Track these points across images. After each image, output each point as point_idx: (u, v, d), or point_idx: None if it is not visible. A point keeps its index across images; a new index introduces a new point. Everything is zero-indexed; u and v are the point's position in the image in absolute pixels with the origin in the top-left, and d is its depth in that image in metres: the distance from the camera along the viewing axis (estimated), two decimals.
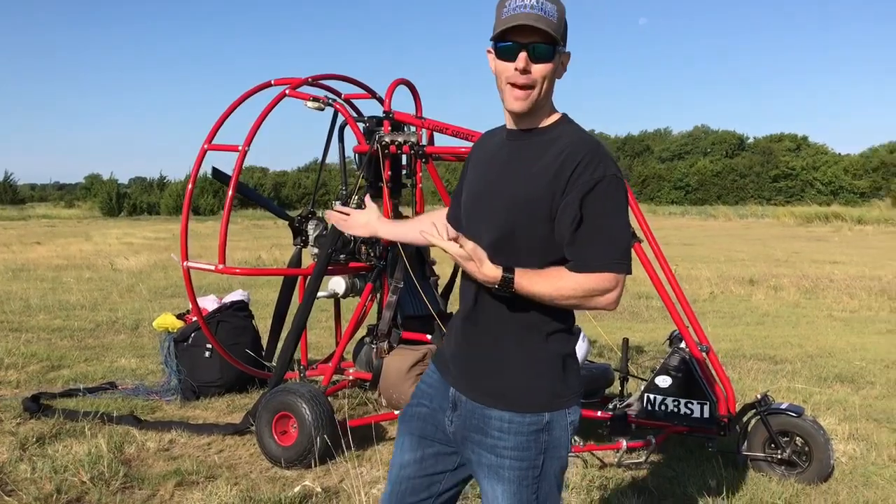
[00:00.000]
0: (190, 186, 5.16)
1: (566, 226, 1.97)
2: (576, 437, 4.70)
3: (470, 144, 5.14)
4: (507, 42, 1.99)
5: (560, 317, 2.08)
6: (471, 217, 2.18)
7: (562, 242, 2.00)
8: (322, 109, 5.00)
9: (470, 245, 1.94)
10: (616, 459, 4.35)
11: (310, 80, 5.20)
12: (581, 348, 4.83)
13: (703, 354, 4.44)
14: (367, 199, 2.72)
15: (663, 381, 4.49)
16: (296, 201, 56.86)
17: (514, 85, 2.01)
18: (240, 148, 4.87)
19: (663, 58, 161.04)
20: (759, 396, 4.43)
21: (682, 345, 4.51)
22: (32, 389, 6.05)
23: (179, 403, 5.83)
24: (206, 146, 5.08)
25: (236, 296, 6.53)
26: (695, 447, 4.71)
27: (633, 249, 4.43)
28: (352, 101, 5.63)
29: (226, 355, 5.60)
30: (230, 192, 4.79)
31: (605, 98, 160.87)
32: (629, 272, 2.01)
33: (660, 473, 4.42)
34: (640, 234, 4.54)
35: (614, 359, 6.95)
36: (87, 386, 6.15)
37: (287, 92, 5.00)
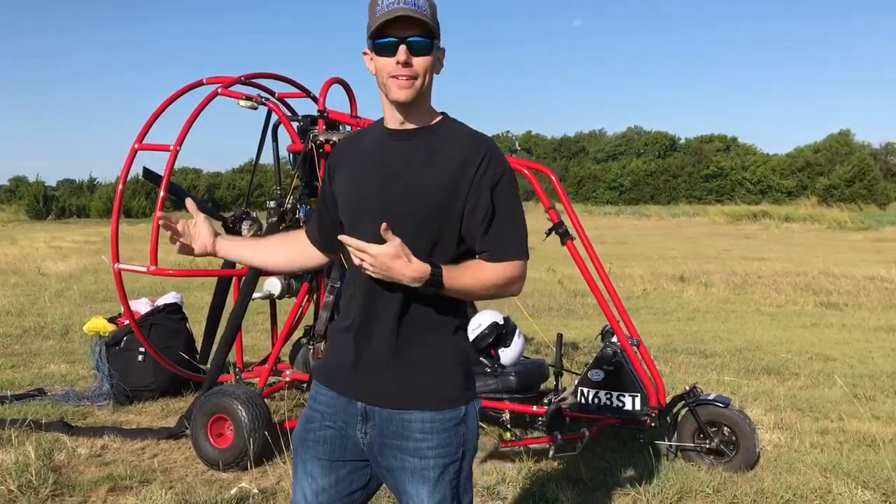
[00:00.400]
0: (120, 187, 5.06)
1: (479, 218, 2.04)
2: (513, 431, 4.78)
3: None
4: (386, 38, 2.01)
5: (461, 312, 2.15)
6: (362, 220, 2.09)
7: (472, 235, 2.06)
8: (255, 108, 4.96)
9: (398, 241, 1.92)
10: (551, 452, 4.43)
11: (242, 78, 5.16)
12: (516, 345, 4.91)
13: (634, 348, 4.55)
14: (195, 210, 2.36)
15: (596, 375, 4.59)
16: (231, 202, 55.93)
17: (396, 77, 2.02)
18: (171, 147, 4.81)
19: (597, 59, 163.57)
20: (688, 388, 4.57)
21: (614, 339, 4.62)
22: None
23: (112, 408, 5.72)
24: (136, 146, 5.00)
25: (169, 298, 6.44)
26: (627, 439, 4.82)
27: (567, 248, 4.57)
28: (286, 100, 5.59)
29: (159, 358, 5.52)
30: (161, 193, 4.72)
31: (541, 100, 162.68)
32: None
33: (593, 465, 4.51)
34: (572, 231, 4.64)
35: (550, 355, 7.05)
36: (15, 393, 5.98)
37: (219, 91, 4.95)
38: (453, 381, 2.11)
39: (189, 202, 2.37)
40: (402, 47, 2.00)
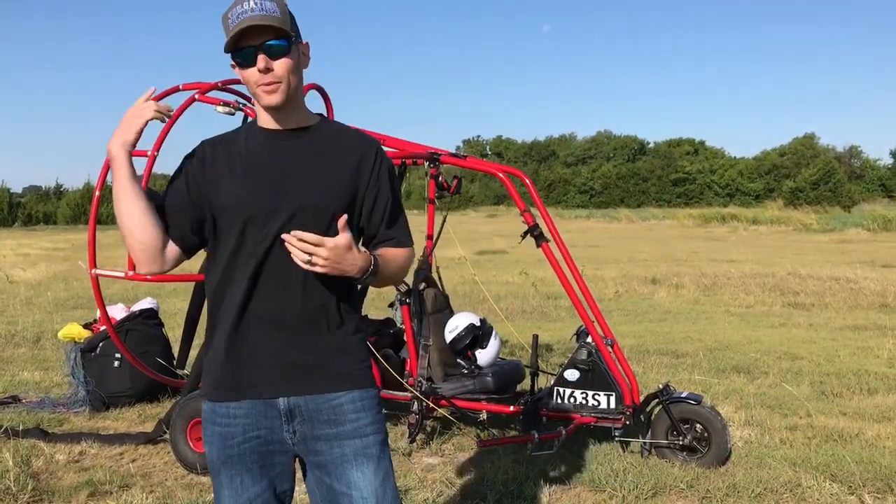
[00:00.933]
0: (97, 193, 5.05)
1: (381, 209, 2.17)
2: (490, 431, 4.85)
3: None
4: (242, 49, 2.05)
5: (356, 298, 2.23)
6: (265, 219, 2.05)
7: (372, 224, 2.17)
8: (233, 114, 4.98)
9: (349, 234, 1.98)
10: (529, 451, 4.50)
11: (219, 84, 5.18)
12: (493, 346, 4.98)
13: (609, 347, 4.65)
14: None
15: (571, 375, 4.67)
16: None
17: (263, 85, 2.06)
18: (149, 153, 4.82)
19: (567, 64, 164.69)
20: (661, 386, 4.67)
21: (589, 339, 4.71)
22: None
23: (88, 415, 5.71)
24: None
25: (145, 304, 6.43)
26: (602, 436, 4.91)
27: (542, 250, 4.65)
28: None
29: (137, 364, 5.51)
30: None
31: (511, 104, 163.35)
32: None
33: (570, 462, 4.59)
34: (547, 234, 4.73)
35: (525, 357, 7.13)
36: None
37: (196, 97, 4.97)
38: (366, 363, 2.21)
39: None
40: (261, 55, 2.03)
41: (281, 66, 2.04)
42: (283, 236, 1.99)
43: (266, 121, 2.15)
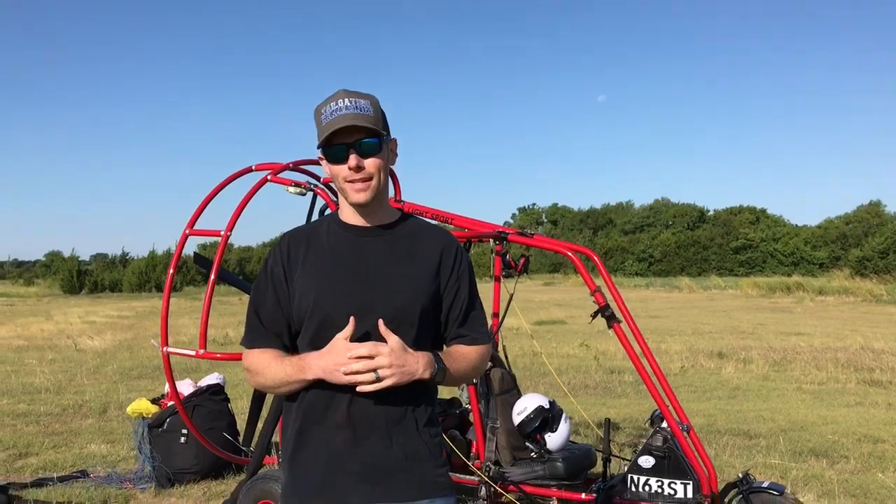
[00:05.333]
0: (171, 272, 5.14)
1: (459, 307, 2.17)
2: None
3: (450, 227, 5.24)
4: (334, 145, 2.06)
5: (432, 401, 2.18)
6: (341, 320, 1.99)
7: (449, 321, 2.17)
8: (304, 194, 5.06)
9: (395, 336, 1.96)
10: None
11: (291, 165, 5.28)
12: (563, 430, 4.86)
13: (685, 433, 4.48)
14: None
15: (646, 462, 4.51)
16: None
17: (352, 182, 2.07)
18: (222, 233, 4.90)
19: (623, 132, 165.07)
20: (740, 475, 4.47)
21: (664, 424, 4.56)
22: (1, 479, 5.88)
23: (154, 491, 5.72)
24: (188, 231, 5.10)
25: (212, 379, 6.47)
26: None
27: (614, 330, 4.55)
28: (331, 184, 5.70)
29: (203, 440, 5.50)
30: (212, 277, 4.80)
31: (567, 172, 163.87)
32: None
33: None
34: (618, 314, 4.63)
35: (590, 436, 6.97)
36: (59, 474, 6.00)
37: (269, 178, 5.06)
38: (446, 468, 2.17)
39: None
40: (352, 154, 2.05)
41: (372, 164, 2.07)
42: (342, 369, 1.92)
43: (350, 216, 2.16)
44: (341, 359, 1.93)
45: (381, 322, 1.96)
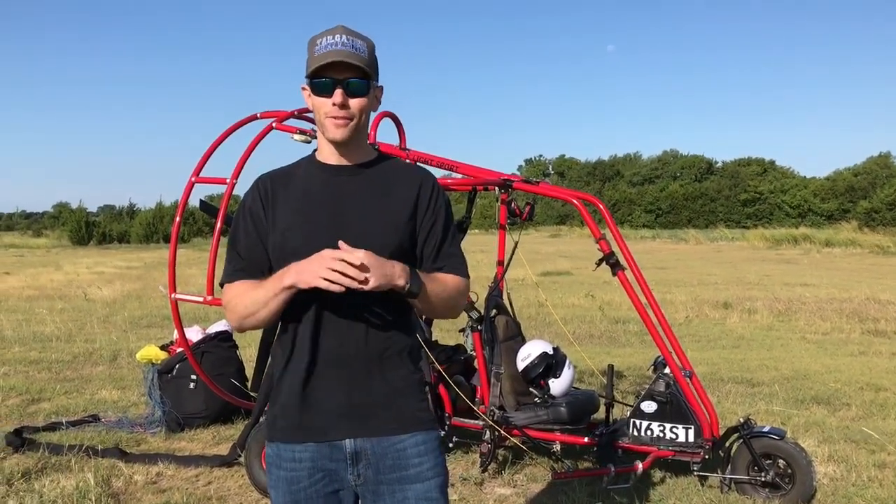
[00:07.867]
0: (178, 219, 5.17)
1: (436, 239, 2.16)
2: (564, 462, 4.77)
3: (455, 175, 5.24)
4: (323, 78, 2.04)
5: (416, 339, 2.22)
6: (314, 253, 1.95)
7: (427, 255, 2.16)
8: (309, 142, 5.05)
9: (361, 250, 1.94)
10: (604, 484, 4.41)
11: (296, 113, 5.26)
12: (567, 375, 4.91)
13: (687, 379, 4.53)
14: None
15: (649, 407, 4.57)
16: None
17: (334, 118, 2.06)
18: (228, 181, 4.91)
19: (632, 83, 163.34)
20: (741, 420, 4.53)
21: (666, 370, 4.60)
22: (14, 423, 6.00)
23: (164, 435, 5.81)
24: (193, 179, 5.12)
25: (220, 326, 6.54)
26: (680, 470, 4.79)
27: (618, 278, 4.57)
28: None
29: (212, 386, 5.59)
30: (218, 225, 4.82)
31: (574, 123, 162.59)
32: None
33: (647, 497, 4.48)
34: (623, 262, 4.65)
35: (595, 384, 7.04)
36: (70, 419, 6.10)
37: (274, 125, 5.05)
38: (427, 403, 2.19)
39: None
40: (339, 90, 2.03)
41: (356, 104, 2.06)
42: (327, 276, 1.88)
43: (327, 155, 2.16)
44: (322, 264, 1.90)
45: (341, 242, 1.92)
